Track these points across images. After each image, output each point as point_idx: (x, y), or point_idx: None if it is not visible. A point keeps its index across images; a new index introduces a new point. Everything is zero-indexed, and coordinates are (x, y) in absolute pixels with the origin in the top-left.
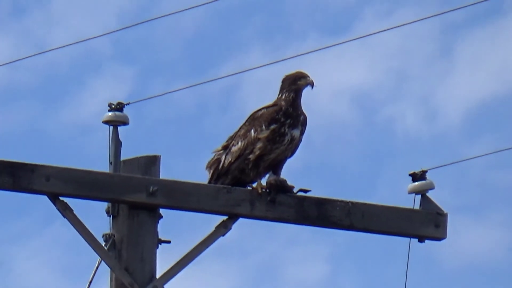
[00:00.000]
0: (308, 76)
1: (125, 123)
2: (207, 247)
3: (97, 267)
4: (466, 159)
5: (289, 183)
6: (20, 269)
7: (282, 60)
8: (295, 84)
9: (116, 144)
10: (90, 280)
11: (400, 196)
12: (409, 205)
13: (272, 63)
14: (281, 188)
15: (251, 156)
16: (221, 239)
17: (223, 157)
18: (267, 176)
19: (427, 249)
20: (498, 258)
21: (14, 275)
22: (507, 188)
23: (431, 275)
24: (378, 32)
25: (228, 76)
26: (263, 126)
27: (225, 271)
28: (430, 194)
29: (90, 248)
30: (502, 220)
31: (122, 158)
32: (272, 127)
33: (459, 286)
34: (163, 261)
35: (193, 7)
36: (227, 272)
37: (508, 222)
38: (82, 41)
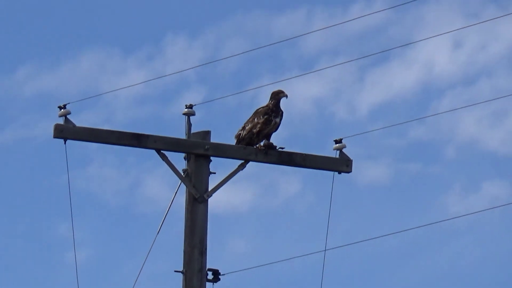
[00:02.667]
0: (284, 91)
1: (193, 114)
2: (234, 176)
3: (179, 185)
4: (362, 133)
5: (274, 144)
6: (147, 185)
7: (278, 82)
8: (277, 96)
9: (188, 125)
10: (175, 191)
11: (330, 151)
12: (334, 155)
13: (274, 83)
14: (270, 147)
15: (255, 131)
16: (241, 172)
17: (242, 132)
18: (263, 141)
19: (343, 177)
20: (384, 182)
21: (144, 189)
22: (387, 146)
23: (344, 190)
24: (325, 68)
25: (254, 89)
26: (261, 117)
27: (244, 188)
28: (344, 150)
29: (176, 176)
30: (386, 164)
31: (192, 132)
32: (265, 117)
33: (360, 197)
34: (211, 182)
35: (234, 56)
36: (246, 189)
37: (390, 164)
38: (180, 71)
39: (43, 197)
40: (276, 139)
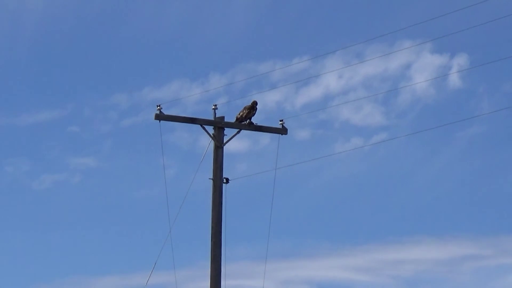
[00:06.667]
0: (254, 101)
1: (217, 108)
2: (235, 136)
3: (210, 141)
4: (294, 116)
5: (253, 121)
6: (198, 140)
7: (259, 93)
8: (252, 103)
9: (214, 113)
10: (209, 143)
11: (278, 125)
12: (279, 127)
13: (257, 93)
14: (251, 123)
15: (243, 116)
16: (238, 134)
17: (238, 116)
18: (248, 120)
19: (284, 137)
20: (305, 139)
21: (197, 142)
22: (307, 122)
23: (285, 144)
24: (280, 86)
25: (246, 97)
26: (246, 109)
27: (240, 142)
28: (284, 125)
29: (209, 137)
30: (307, 131)
31: (216, 116)
32: (248, 110)
33: (292, 147)
34: (225, 139)
35: (239, 81)
36: (241, 142)
37: (308, 131)
38: (215, 88)
39: (151, 148)
40: (254, 119)
